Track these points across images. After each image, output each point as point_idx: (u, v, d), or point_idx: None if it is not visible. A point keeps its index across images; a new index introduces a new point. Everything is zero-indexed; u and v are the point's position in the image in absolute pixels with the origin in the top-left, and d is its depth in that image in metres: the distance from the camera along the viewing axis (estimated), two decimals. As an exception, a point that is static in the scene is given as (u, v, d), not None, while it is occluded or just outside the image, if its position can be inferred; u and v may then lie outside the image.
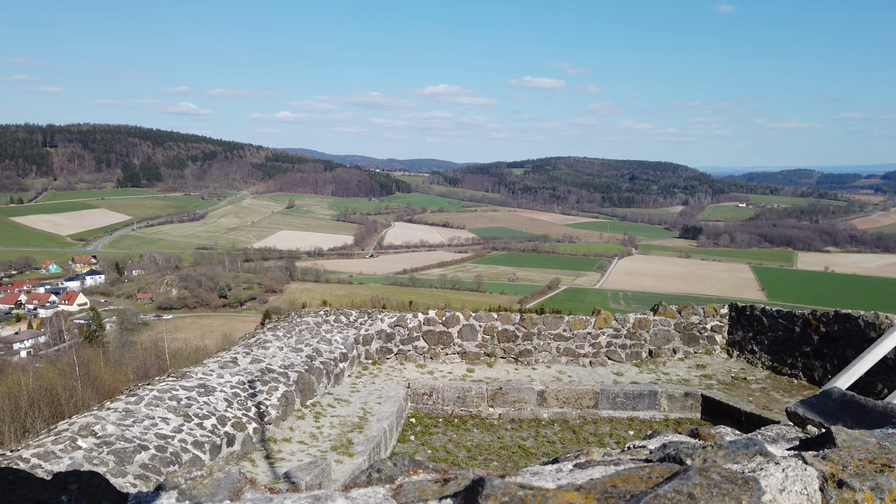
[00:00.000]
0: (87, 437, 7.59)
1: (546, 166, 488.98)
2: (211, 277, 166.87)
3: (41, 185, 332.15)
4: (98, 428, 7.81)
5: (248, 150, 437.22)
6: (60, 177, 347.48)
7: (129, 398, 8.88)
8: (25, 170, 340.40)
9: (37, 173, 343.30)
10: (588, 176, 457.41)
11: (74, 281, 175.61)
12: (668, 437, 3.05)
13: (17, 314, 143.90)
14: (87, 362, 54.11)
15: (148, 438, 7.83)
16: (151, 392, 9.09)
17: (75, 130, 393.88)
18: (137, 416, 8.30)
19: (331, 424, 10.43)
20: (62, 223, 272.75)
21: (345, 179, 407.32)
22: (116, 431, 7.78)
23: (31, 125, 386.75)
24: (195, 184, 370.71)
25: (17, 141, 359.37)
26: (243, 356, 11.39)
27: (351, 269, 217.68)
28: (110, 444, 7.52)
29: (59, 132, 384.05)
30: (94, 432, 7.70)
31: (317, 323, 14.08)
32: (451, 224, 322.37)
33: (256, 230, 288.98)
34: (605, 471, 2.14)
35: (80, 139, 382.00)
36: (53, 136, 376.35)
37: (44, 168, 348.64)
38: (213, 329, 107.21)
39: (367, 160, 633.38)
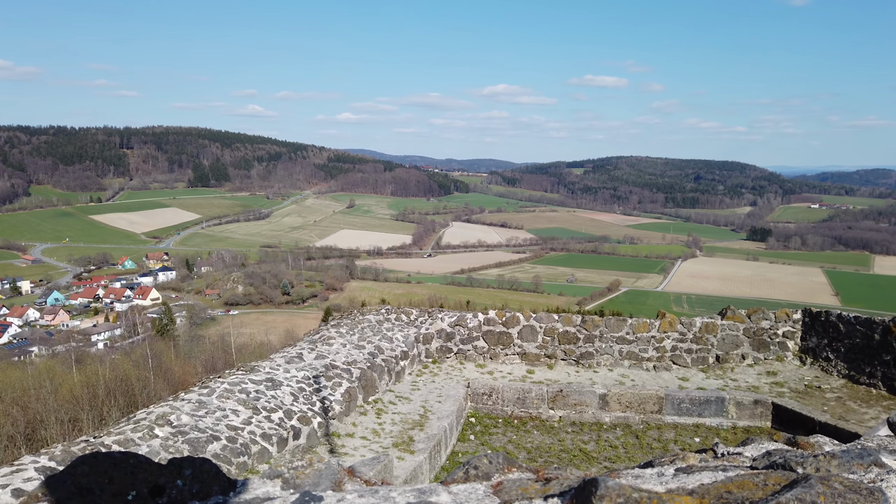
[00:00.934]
0: (163, 426, 7.95)
1: (607, 166, 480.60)
2: (275, 275, 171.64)
3: (118, 185, 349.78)
4: (173, 418, 8.17)
5: (311, 151, 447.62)
6: (136, 177, 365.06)
7: (202, 390, 9.25)
8: (104, 170, 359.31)
9: (114, 173, 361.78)
10: (651, 176, 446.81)
11: (148, 277, 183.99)
12: (764, 445, 2.95)
13: (95, 307, 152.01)
14: (159, 355, 56.63)
15: (219, 429, 8.14)
16: (222, 385, 9.43)
17: (150, 133, 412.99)
18: (209, 407, 8.63)
19: (392, 421, 10.57)
20: (137, 221, 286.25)
21: (404, 179, 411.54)
22: (190, 422, 8.12)
23: (110, 128, 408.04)
24: (261, 184, 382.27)
25: (96, 143, 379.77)
26: (308, 352, 11.68)
27: (409, 269, 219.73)
28: (185, 434, 7.85)
29: (135, 134, 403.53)
30: (169, 422, 8.06)
31: (378, 321, 14.29)
32: (510, 224, 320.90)
33: (318, 229, 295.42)
34: (713, 476, 2.09)
35: (154, 141, 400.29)
36: (130, 138, 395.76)
37: (121, 168, 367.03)
38: (276, 325, 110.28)
39: (426, 160, 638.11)
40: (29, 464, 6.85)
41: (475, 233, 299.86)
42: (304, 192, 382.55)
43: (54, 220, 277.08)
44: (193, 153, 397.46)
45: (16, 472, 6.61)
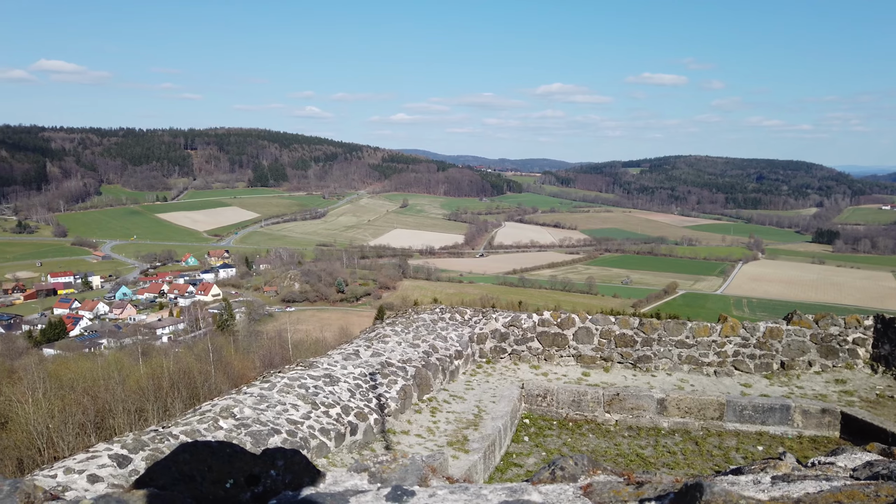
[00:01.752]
0: (227, 418, 8.22)
1: (664, 165, 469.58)
2: (330, 273, 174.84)
3: (182, 185, 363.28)
4: (237, 410, 8.44)
5: (365, 152, 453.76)
6: (199, 177, 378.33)
7: (263, 384, 9.52)
8: (169, 170, 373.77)
9: (179, 173, 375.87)
10: (710, 175, 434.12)
11: (209, 273, 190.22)
12: (858, 455, 2.84)
13: (160, 302, 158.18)
14: (220, 349, 58.49)
15: (280, 423, 8.36)
16: (283, 379, 9.68)
17: (212, 134, 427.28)
18: (270, 401, 8.87)
19: (446, 420, 10.63)
20: (200, 220, 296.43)
21: (457, 179, 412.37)
22: (252, 415, 8.37)
23: (175, 129, 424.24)
24: (317, 184, 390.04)
25: (162, 144, 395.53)
26: (364, 349, 11.86)
27: (461, 268, 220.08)
28: (247, 427, 8.10)
29: (199, 136, 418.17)
30: (233, 414, 8.32)
31: (433, 320, 14.39)
32: (563, 224, 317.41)
33: (372, 228, 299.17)
34: (817, 486, 2.02)
35: (216, 142, 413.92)
36: (193, 139, 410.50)
37: (185, 169, 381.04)
38: (331, 322, 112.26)
39: (478, 160, 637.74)
40: (103, 451, 7.18)
41: (528, 233, 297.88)
42: (358, 192, 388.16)
43: (123, 219, 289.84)
44: (253, 154, 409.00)
45: (91, 459, 6.95)
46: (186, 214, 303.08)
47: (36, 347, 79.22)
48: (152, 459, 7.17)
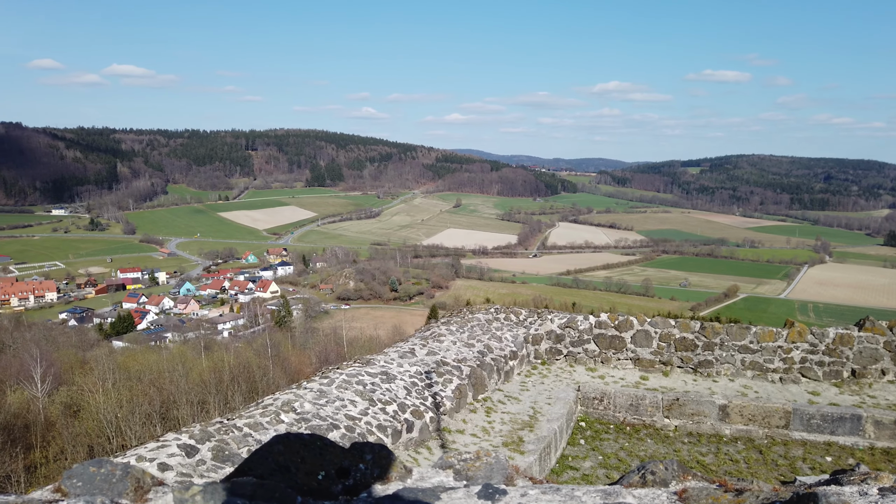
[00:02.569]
0: (288, 412, 8.43)
1: (726, 165, 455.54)
2: (384, 272, 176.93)
3: (243, 184, 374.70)
4: (297, 405, 8.64)
5: (420, 152, 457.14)
6: (259, 177, 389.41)
7: (322, 380, 9.72)
8: (231, 170, 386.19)
9: (240, 173, 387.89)
10: (774, 175, 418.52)
11: (268, 271, 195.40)
12: None
13: (221, 298, 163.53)
14: (278, 344, 60.00)
15: (339, 418, 8.52)
16: (341, 376, 9.86)
17: (272, 135, 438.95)
18: (329, 396, 9.06)
19: (501, 420, 10.61)
20: (259, 218, 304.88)
21: (510, 179, 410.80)
22: (312, 409, 8.56)
23: (237, 131, 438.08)
24: (372, 183, 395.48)
25: (225, 145, 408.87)
26: (420, 347, 11.96)
27: (514, 268, 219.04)
28: (307, 421, 8.29)
29: (259, 137, 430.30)
30: (294, 409, 8.53)
31: (487, 320, 14.38)
32: (619, 225, 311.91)
33: (426, 228, 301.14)
34: None
35: (276, 143, 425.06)
36: (254, 140, 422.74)
37: (246, 169, 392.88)
38: (384, 320, 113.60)
39: (532, 160, 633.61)
40: (172, 441, 7.47)
41: (582, 233, 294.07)
42: (412, 192, 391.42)
43: (188, 217, 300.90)
44: (311, 154, 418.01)
45: (161, 448, 7.25)
46: (247, 213, 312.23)
47: (106, 340, 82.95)
48: (217, 450, 7.43)
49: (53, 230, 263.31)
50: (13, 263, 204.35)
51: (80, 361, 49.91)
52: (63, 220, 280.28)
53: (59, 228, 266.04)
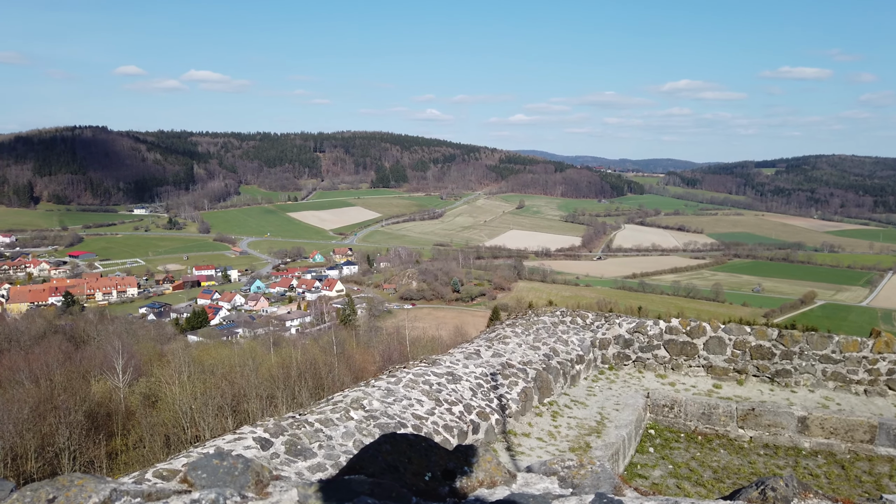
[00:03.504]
0: (357, 409, 8.59)
1: (803, 165, 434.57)
2: (446, 272, 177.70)
3: (311, 185, 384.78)
4: (366, 403, 8.79)
5: (483, 153, 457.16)
6: (326, 178, 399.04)
7: (390, 378, 9.84)
8: (300, 172, 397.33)
9: (308, 175, 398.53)
10: (856, 177, 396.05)
11: (334, 270, 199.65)
12: None
13: (289, 296, 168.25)
14: (343, 342, 61.14)
15: (406, 417, 8.61)
16: (408, 375, 9.96)
17: (339, 137, 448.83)
18: (397, 395, 9.17)
19: (568, 425, 10.47)
20: (326, 218, 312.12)
21: (575, 180, 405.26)
22: (381, 407, 8.68)
23: (306, 133, 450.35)
24: (435, 185, 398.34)
25: (294, 147, 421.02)
26: (485, 349, 11.94)
27: (577, 271, 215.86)
28: (376, 419, 8.42)
29: (327, 139, 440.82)
30: (363, 406, 8.68)
31: (553, 323, 14.22)
32: (688, 228, 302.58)
33: (488, 229, 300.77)
34: None
35: (342, 145, 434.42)
36: (322, 142, 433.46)
37: (314, 170, 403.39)
38: (446, 321, 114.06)
39: (598, 160, 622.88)
40: (248, 433, 7.73)
41: (649, 236, 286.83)
42: (475, 193, 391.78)
43: (259, 217, 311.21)
44: (376, 156, 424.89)
45: (238, 440, 7.51)
46: (314, 213, 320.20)
47: (182, 334, 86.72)
48: (290, 444, 7.64)
49: (135, 229, 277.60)
50: (98, 260, 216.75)
51: (158, 354, 52.26)
52: (144, 220, 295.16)
53: (139, 227, 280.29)
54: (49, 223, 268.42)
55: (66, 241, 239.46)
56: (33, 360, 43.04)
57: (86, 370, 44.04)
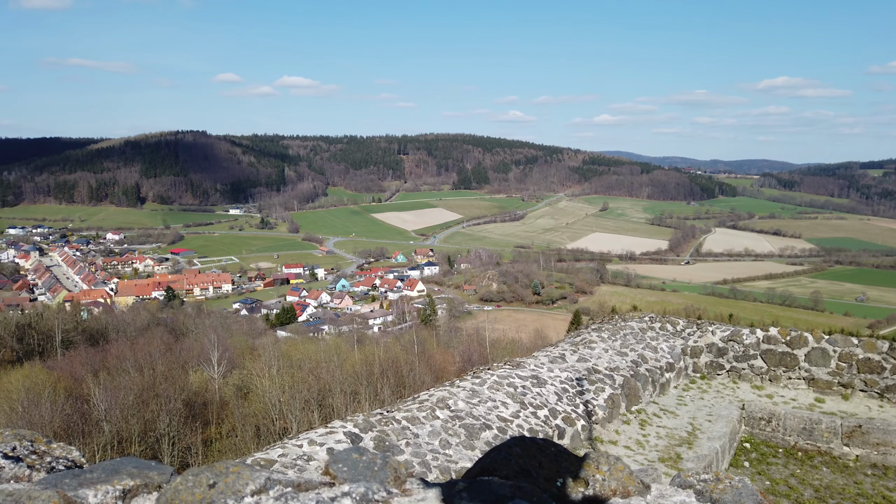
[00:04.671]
0: (443, 409, 8.68)
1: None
2: (526, 275, 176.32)
3: (395, 187, 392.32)
4: (451, 402, 8.87)
5: (566, 154, 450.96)
6: (409, 179, 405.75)
7: (474, 380, 9.89)
8: (384, 174, 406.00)
9: (392, 176, 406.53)
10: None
11: (415, 270, 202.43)
12: None
13: (372, 295, 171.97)
14: (423, 342, 61.83)
15: (491, 419, 8.62)
16: (492, 377, 9.98)
17: (422, 140, 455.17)
18: (482, 396, 9.20)
19: (657, 434, 10.16)
20: (408, 220, 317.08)
21: (662, 182, 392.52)
22: (466, 408, 8.74)
23: (390, 136, 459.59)
24: (517, 186, 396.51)
25: (379, 150, 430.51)
26: (570, 353, 11.78)
27: (663, 276, 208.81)
28: (461, 419, 8.48)
29: (410, 141, 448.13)
30: (448, 406, 8.76)
31: (641, 328, 13.83)
32: (784, 232, 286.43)
33: (570, 231, 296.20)
34: None
35: (425, 147, 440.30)
36: (406, 145, 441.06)
37: (397, 172, 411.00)
38: (526, 323, 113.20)
39: (687, 161, 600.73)
40: (339, 428, 7.97)
41: (741, 240, 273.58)
42: (557, 195, 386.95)
43: (344, 217, 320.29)
44: (458, 158, 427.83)
45: (329, 434, 7.75)
46: (397, 215, 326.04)
47: (272, 329, 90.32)
48: (379, 440, 7.82)
49: (230, 228, 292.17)
50: (197, 257, 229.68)
51: (250, 348, 54.68)
52: (238, 219, 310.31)
53: (234, 226, 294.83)
54: (153, 222, 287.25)
55: (168, 239, 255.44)
56: (138, 350, 46.09)
57: (184, 361, 46.66)
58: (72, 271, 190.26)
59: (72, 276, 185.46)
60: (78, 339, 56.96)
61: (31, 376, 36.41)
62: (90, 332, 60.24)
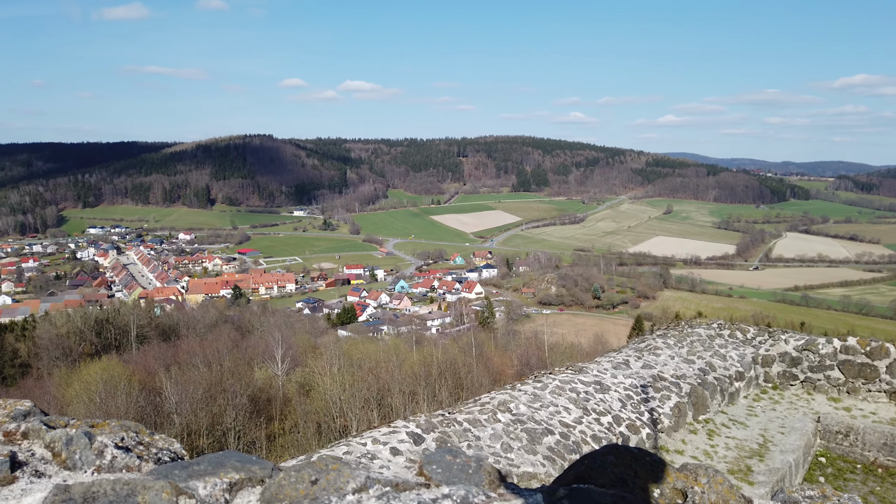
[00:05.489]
0: (504, 412, 8.66)
1: None
2: (586, 278, 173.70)
3: (454, 189, 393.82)
4: (512, 406, 8.84)
5: (628, 156, 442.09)
6: (468, 182, 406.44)
7: (536, 384, 9.82)
8: (443, 176, 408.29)
9: (451, 179, 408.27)
10: None
11: (474, 272, 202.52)
12: None
13: (430, 297, 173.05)
14: (481, 344, 61.65)
15: (553, 424, 8.54)
16: (554, 381, 9.88)
17: (481, 142, 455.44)
18: (543, 401, 9.13)
19: (726, 445, 9.83)
20: (467, 222, 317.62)
21: (729, 184, 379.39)
22: (527, 412, 8.69)
23: (450, 139, 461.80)
24: (577, 188, 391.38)
25: (438, 152, 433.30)
26: (635, 359, 11.54)
27: (730, 281, 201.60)
28: (522, 423, 8.44)
29: (470, 144, 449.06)
30: (510, 409, 8.74)
31: (709, 336, 13.42)
32: (861, 237, 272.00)
33: (632, 235, 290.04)
34: None
35: (484, 150, 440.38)
36: (465, 147, 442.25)
37: (456, 175, 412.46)
38: (585, 328, 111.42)
39: (756, 163, 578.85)
40: (401, 428, 8.06)
41: (815, 245, 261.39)
42: (619, 197, 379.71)
43: (404, 219, 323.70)
44: (517, 160, 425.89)
45: (392, 434, 7.85)
46: (456, 217, 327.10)
47: (333, 328, 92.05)
48: (441, 442, 7.86)
49: (294, 229, 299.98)
50: (262, 257, 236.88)
51: (312, 346, 55.87)
52: (302, 221, 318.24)
53: (298, 227, 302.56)
54: (222, 223, 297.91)
55: (236, 239, 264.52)
56: (207, 346, 47.84)
57: (250, 357, 48.14)
58: (146, 269, 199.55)
59: (146, 273, 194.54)
60: (151, 334, 59.68)
61: (108, 369, 38.34)
62: (162, 327, 63.00)
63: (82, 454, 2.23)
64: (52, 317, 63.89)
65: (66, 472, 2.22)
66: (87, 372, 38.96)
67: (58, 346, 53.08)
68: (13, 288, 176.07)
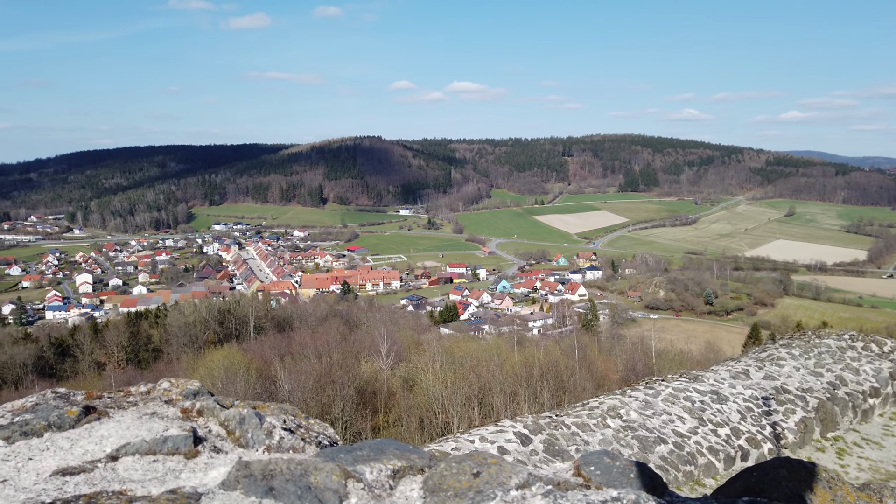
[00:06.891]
0: (614, 418, 8.49)
1: None
2: (698, 283, 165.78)
3: (558, 189, 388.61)
4: (623, 412, 8.65)
5: (746, 155, 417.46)
6: (573, 182, 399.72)
7: (647, 390, 9.55)
8: (547, 176, 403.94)
9: (556, 179, 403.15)
10: None
11: (577, 274, 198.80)
12: None
13: (532, 297, 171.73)
14: (584, 347, 60.41)
15: (666, 433, 8.28)
16: (667, 389, 9.56)
17: (588, 141, 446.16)
18: (656, 408, 8.86)
19: (858, 466, 9.11)
20: (571, 222, 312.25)
21: (861, 185, 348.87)
22: (639, 419, 8.47)
23: (555, 138, 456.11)
24: (689, 189, 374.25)
25: (543, 152, 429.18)
26: (755, 370, 10.93)
27: (861, 289, 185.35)
28: (633, 430, 8.24)
29: (575, 143, 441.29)
30: (619, 415, 8.56)
31: (840, 347, 12.46)
32: None
33: (749, 238, 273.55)
34: None
35: (591, 149, 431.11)
36: (571, 146, 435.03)
37: (561, 174, 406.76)
38: (696, 335, 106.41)
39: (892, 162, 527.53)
40: (508, 427, 8.10)
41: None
42: (735, 198, 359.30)
43: (507, 219, 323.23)
44: (626, 159, 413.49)
45: (499, 433, 7.91)
46: (560, 217, 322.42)
47: (435, 326, 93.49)
48: (548, 444, 7.83)
49: (399, 227, 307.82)
50: (370, 254, 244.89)
51: (416, 342, 57.00)
52: (407, 220, 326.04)
53: (404, 226, 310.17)
54: (333, 221, 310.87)
55: (345, 237, 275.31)
56: (317, 339, 50.07)
57: (357, 351, 49.84)
58: (264, 264, 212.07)
59: (263, 268, 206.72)
60: (267, 325, 63.32)
61: (229, 356, 41.07)
62: (278, 319, 66.66)
63: (254, 433, 2.43)
64: (181, 306, 69.33)
65: (241, 450, 2.43)
66: (210, 358, 41.93)
67: (185, 334, 57.55)
68: (148, 279, 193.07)
